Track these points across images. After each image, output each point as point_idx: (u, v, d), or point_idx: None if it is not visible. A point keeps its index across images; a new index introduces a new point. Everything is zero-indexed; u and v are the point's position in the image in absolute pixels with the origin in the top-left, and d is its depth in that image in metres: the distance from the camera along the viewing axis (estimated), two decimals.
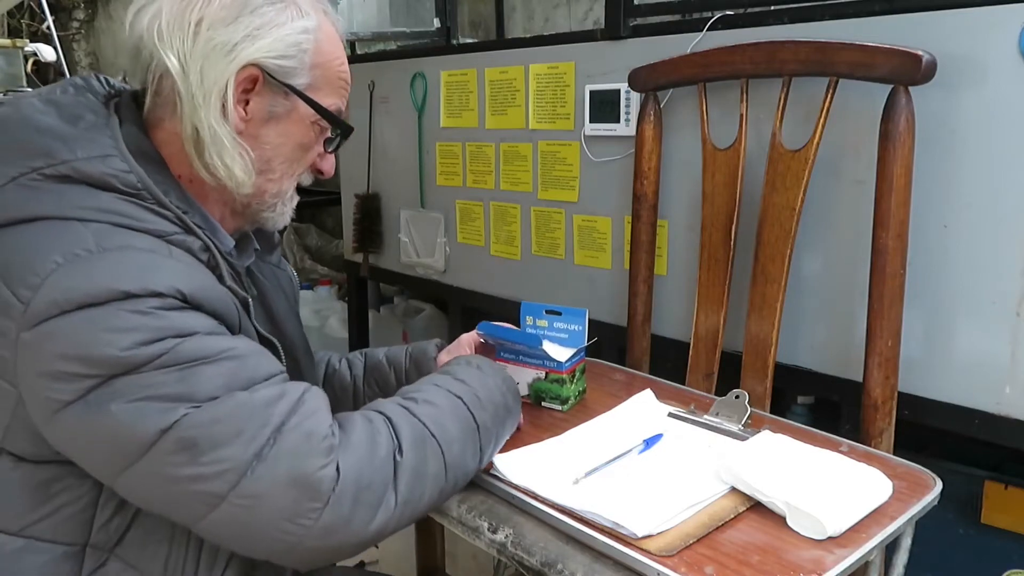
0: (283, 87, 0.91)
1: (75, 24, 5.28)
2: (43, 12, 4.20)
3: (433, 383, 0.98)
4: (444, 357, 1.22)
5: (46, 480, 0.83)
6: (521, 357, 1.26)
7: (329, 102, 0.95)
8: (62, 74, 4.32)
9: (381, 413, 0.90)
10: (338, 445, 0.82)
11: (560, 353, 1.23)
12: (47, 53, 3.85)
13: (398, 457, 0.86)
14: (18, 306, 0.76)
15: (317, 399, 0.85)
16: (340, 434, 0.83)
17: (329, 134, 0.98)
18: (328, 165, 1.01)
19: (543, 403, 1.26)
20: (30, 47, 3.87)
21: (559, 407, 1.25)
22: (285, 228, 1.17)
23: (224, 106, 0.87)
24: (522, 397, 1.25)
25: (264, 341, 0.94)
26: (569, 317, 1.28)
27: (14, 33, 4.83)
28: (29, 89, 3.07)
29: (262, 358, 0.85)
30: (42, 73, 4.59)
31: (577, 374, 1.26)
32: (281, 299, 1.10)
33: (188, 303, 0.79)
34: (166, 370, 0.76)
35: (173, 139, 0.90)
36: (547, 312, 1.30)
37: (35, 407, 0.79)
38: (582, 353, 1.27)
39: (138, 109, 0.93)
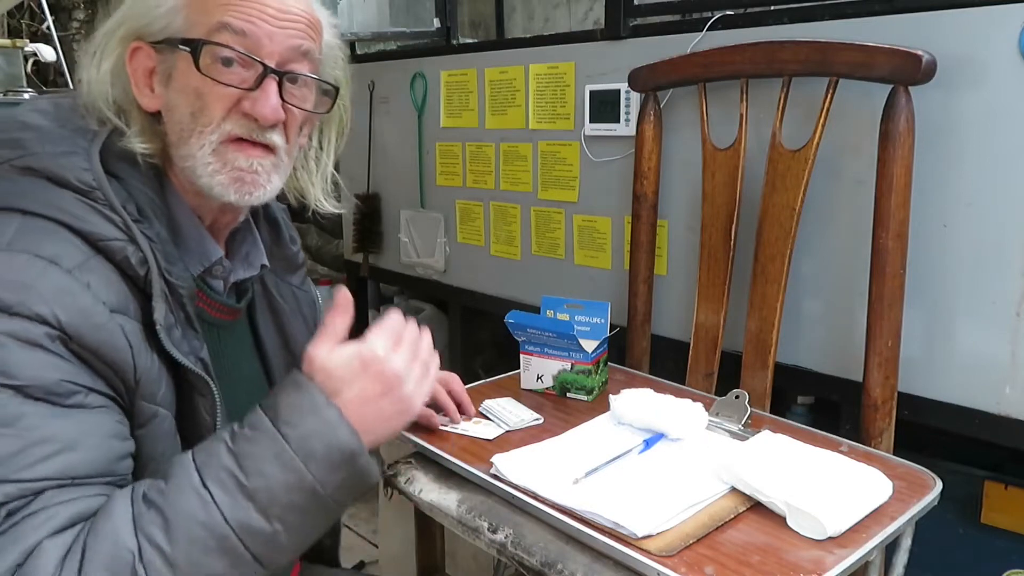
0: (164, 45, 0.85)
1: (75, 24, 5.28)
2: (43, 12, 4.20)
3: (200, 468, 0.74)
4: None
5: None
6: (547, 349, 1.31)
7: (205, 27, 0.84)
8: (62, 74, 4.32)
9: (87, 532, 0.70)
10: None
11: (586, 344, 1.28)
12: (47, 53, 3.85)
13: None
14: None
15: (41, 524, 0.69)
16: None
17: (255, 70, 0.84)
18: (259, 106, 0.84)
19: (568, 394, 1.31)
20: (30, 47, 3.87)
21: (585, 397, 1.29)
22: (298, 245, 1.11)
23: (129, 88, 0.86)
24: (547, 389, 1.32)
25: (191, 373, 0.84)
26: (591, 310, 1.35)
27: (14, 33, 4.83)
28: (29, 89, 3.07)
29: (57, 454, 0.71)
30: (42, 73, 4.59)
31: (601, 365, 1.31)
32: (299, 322, 1.06)
33: (64, 333, 0.73)
34: None
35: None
36: (568, 306, 1.35)
37: None
38: (605, 344, 1.32)
39: None
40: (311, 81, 0.91)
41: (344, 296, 0.85)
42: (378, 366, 0.81)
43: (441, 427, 1.17)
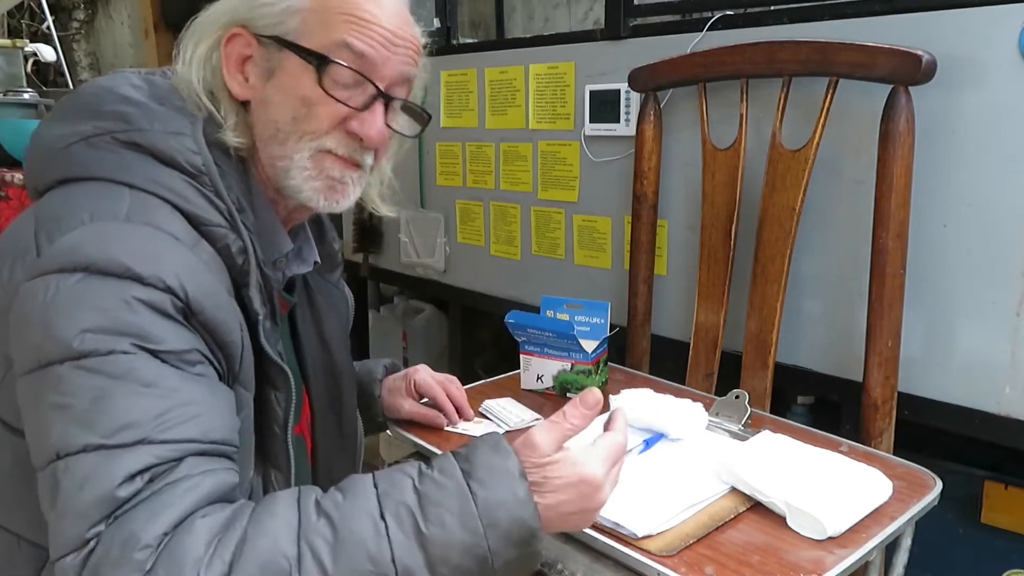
0: (272, 40, 0.85)
1: (75, 24, 5.28)
2: (43, 12, 4.19)
3: (381, 496, 0.71)
4: (390, 384, 1.20)
5: (26, 457, 0.73)
6: (546, 349, 1.31)
7: (324, 41, 0.84)
8: (62, 74, 4.31)
9: (247, 523, 0.69)
10: (148, 569, 0.64)
11: (586, 344, 1.28)
12: (47, 53, 3.84)
13: None
14: (33, 254, 0.75)
15: (185, 494, 0.68)
16: (164, 550, 0.65)
17: (366, 91, 0.85)
18: (366, 128, 0.86)
19: (568, 394, 1.31)
20: (30, 47, 3.86)
21: None
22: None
23: (219, 72, 0.86)
24: (547, 389, 1.32)
25: (271, 366, 0.86)
26: (591, 310, 1.35)
27: (14, 33, 4.83)
28: (29, 89, 3.07)
29: (196, 414, 0.72)
30: (42, 73, 4.59)
31: (601, 365, 1.31)
32: (334, 320, 1.06)
33: (188, 306, 0.74)
34: (94, 375, 0.69)
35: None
36: (568, 306, 1.34)
37: (15, 359, 0.74)
38: (605, 344, 1.32)
39: None
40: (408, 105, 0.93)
41: (595, 398, 0.79)
42: (591, 489, 0.76)
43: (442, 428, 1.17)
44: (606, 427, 0.81)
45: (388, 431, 1.21)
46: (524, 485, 0.72)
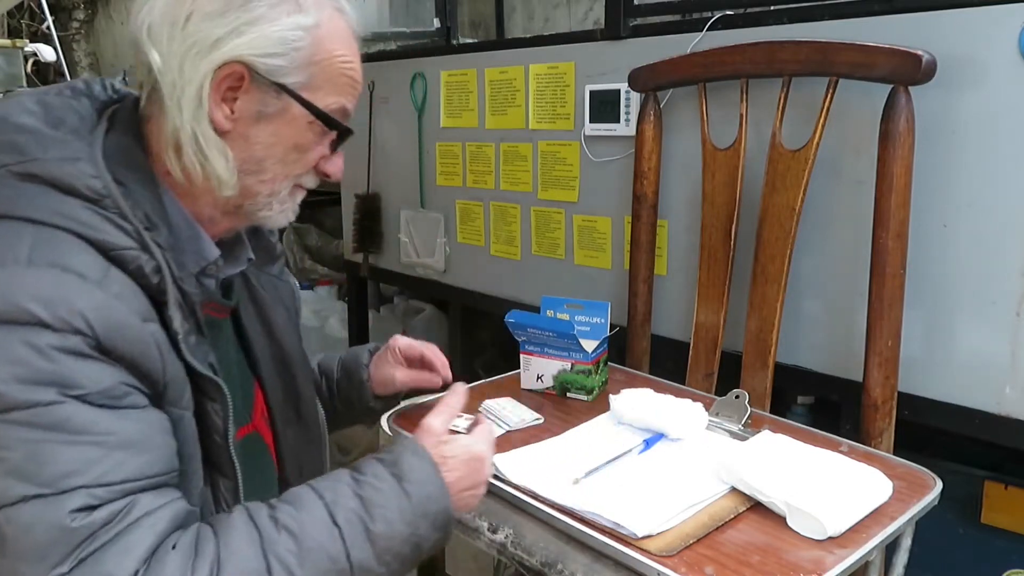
0: (273, 85, 0.85)
1: (75, 24, 5.29)
2: (43, 12, 4.20)
3: (329, 505, 0.82)
4: (375, 362, 1.22)
5: None
6: (547, 349, 1.31)
7: (329, 101, 0.89)
8: (62, 74, 4.32)
9: (216, 546, 0.76)
10: None
11: (586, 344, 1.28)
12: (47, 53, 3.85)
13: None
14: None
15: (148, 529, 0.74)
16: None
17: (333, 136, 0.93)
18: (333, 168, 0.94)
19: (568, 394, 1.31)
20: (30, 47, 3.87)
21: (585, 397, 1.30)
22: (283, 233, 1.12)
23: (203, 104, 0.83)
24: (547, 389, 1.32)
25: (202, 379, 0.86)
26: (591, 310, 1.35)
27: (14, 33, 4.83)
28: (29, 90, 3.08)
29: (132, 455, 0.75)
30: (42, 73, 4.59)
31: (601, 365, 1.31)
32: (281, 311, 1.07)
33: (100, 344, 0.74)
34: (24, 428, 0.70)
35: (161, 135, 0.87)
36: (568, 306, 1.35)
37: None
38: (605, 344, 1.32)
39: (136, 112, 0.89)
40: None
41: (464, 386, 1.02)
42: (479, 464, 0.92)
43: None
44: (472, 426, 1.00)
45: (387, 429, 1.21)
46: (441, 479, 0.87)
